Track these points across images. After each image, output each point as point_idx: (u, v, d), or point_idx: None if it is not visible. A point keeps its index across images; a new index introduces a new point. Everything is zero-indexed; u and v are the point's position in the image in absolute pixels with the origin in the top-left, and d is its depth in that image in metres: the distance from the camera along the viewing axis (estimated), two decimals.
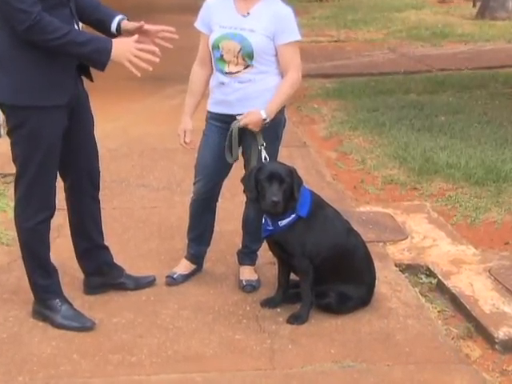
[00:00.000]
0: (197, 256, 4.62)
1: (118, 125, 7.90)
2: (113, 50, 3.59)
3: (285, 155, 4.99)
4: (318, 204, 4.14)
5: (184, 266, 4.59)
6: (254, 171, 4.01)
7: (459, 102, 8.85)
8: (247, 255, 4.59)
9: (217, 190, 4.46)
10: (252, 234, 4.48)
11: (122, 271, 4.43)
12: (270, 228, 4.06)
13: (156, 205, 5.80)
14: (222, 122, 4.26)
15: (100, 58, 3.61)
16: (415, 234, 5.28)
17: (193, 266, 4.61)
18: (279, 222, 4.01)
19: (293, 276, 4.26)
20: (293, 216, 4.00)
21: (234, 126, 4.12)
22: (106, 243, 4.39)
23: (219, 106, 4.26)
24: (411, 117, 8.16)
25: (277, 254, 4.23)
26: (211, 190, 4.41)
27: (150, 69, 3.60)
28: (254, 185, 3.98)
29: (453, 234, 5.26)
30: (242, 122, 4.09)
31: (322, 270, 4.07)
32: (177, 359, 3.72)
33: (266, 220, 4.09)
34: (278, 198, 3.90)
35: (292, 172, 4.01)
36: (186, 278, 4.56)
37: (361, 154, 7.01)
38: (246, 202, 4.49)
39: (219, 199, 4.55)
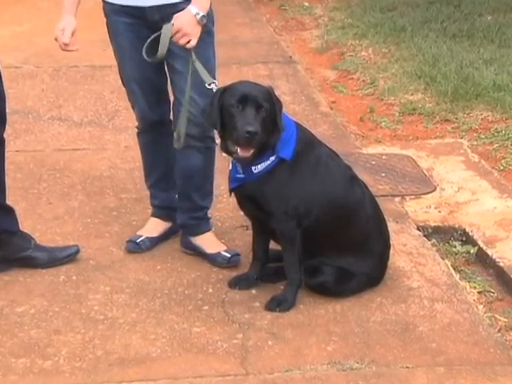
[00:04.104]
0: (166, 207, 4.62)
1: (19, 30, 7.85)
2: None
3: (262, 74, 4.99)
4: (308, 142, 4.15)
5: (152, 227, 4.61)
6: (218, 94, 4.00)
7: None
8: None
9: (167, 107, 4.46)
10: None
11: (30, 241, 4.45)
12: (241, 176, 4.08)
13: (78, 146, 5.83)
14: (131, 17, 4.23)
15: None
16: (447, 184, 5.35)
17: (166, 225, 4.62)
18: (253, 168, 4.03)
19: (274, 245, 4.30)
20: (272, 159, 4.02)
21: (166, 26, 4.07)
22: (9, 202, 4.39)
23: None
24: (443, 17, 8.20)
25: (250, 213, 4.26)
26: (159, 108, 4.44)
27: None
28: (219, 113, 3.97)
29: (500, 185, 5.33)
30: (173, 28, 4.05)
31: (314, 235, 4.12)
32: (110, 363, 3.75)
33: (234, 165, 4.11)
34: (255, 128, 3.87)
35: (270, 94, 4.00)
36: (157, 242, 4.58)
37: (370, 73, 7.03)
38: None
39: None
